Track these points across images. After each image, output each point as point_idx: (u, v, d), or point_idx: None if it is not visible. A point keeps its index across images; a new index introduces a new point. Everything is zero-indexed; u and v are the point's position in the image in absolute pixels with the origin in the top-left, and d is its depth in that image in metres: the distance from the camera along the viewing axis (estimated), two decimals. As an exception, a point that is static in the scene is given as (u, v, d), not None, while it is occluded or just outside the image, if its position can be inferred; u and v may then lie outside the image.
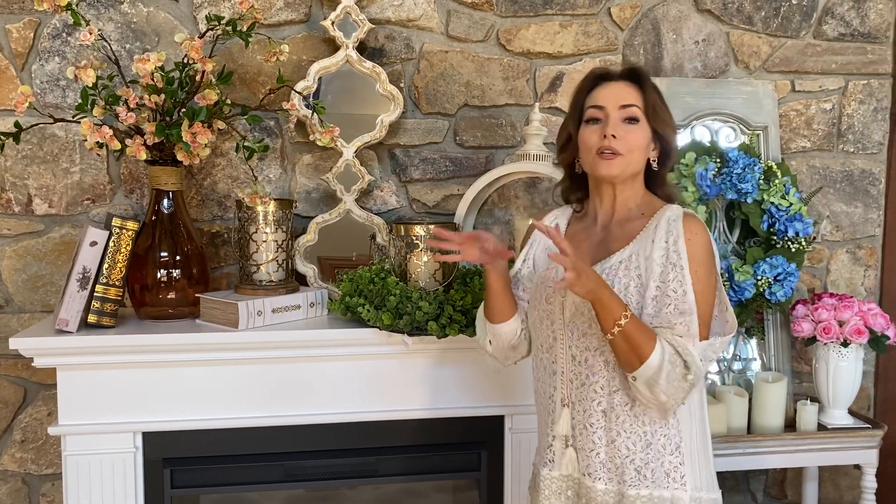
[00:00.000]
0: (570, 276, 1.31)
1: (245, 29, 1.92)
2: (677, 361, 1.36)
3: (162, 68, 1.89)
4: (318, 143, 2.07)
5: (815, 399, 2.33)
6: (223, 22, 1.91)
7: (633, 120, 1.48)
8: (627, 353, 1.37)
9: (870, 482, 2.30)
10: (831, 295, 2.31)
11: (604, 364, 1.45)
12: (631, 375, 1.38)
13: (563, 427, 1.50)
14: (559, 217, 1.65)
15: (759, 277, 2.23)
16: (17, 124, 1.87)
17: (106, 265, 1.87)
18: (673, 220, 1.44)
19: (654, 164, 1.52)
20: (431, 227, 1.96)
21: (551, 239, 1.37)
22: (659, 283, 1.41)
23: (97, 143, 1.85)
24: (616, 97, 1.49)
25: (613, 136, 1.46)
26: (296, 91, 2.07)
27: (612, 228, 1.52)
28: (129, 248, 1.89)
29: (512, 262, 1.67)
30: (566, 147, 1.57)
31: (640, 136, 1.48)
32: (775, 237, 2.29)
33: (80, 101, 1.87)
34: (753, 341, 2.43)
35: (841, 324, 2.23)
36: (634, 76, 1.51)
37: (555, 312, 1.51)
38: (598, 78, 1.54)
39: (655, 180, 1.55)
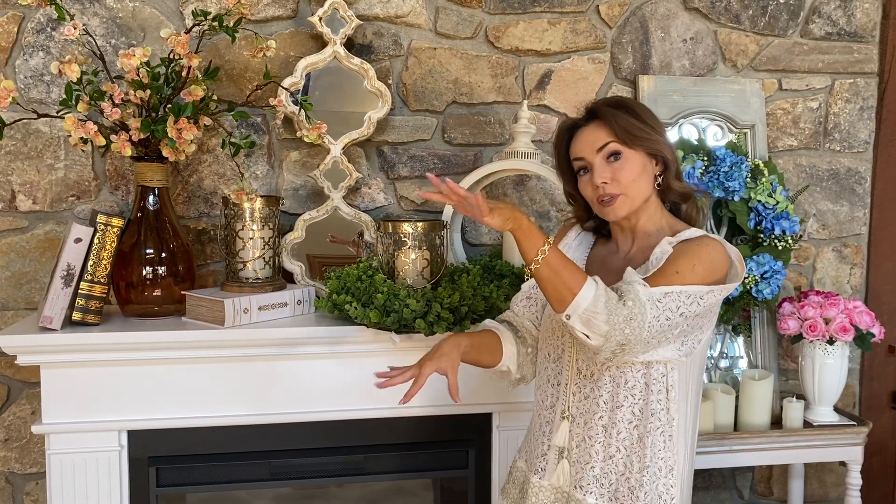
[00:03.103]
0: (483, 208, 1.29)
1: (232, 24, 1.91)
2: (612, 294, 1.31)
3: (147, 64, 1.87)
4: (306, 139, 2.06)
5: (801, 396, 2.34)
6: (210, 17, 1.90)
7: (615, 155, 1.46)
8: (556, 285, 1.31)
9: (855, 479, 2.31)
10: (817, 293, 2.33)
11: (609, 379, 1.45)
12: (564, 314, 1.31)
13: (560, 439, 1.50)
14: (583, 235, 1.65)
15: (746, 275, 2.24)
16: (0, 120, 1.85)
17: (91, 262, 1.85)
18: (684, 238, 1.44)
19: (659, 180, 1.50)
20: (419, 224, 1.96)
21: (443, 191, 1.31)
22: None
23: (81, 138, 1.84)
24: (590, 143, 1.48)
25: (605, 182, 1.46)
26: (283, 87, 2.06)
27: (633, 255, 1.51)
28: (114, 244, 1.87)
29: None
30: (574, 200, 1.59)
31: (629, 168, 1.46)
32: (762, 235, 2.29)
33: (64, 96, 1.85)
34: (740, 339, 2.44)
35: (827, 321, 2.24)
36: (596, 114, 1.50)
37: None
38: (570, 129, 1.54)
39: (668, 193, 1.52)
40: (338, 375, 1.95)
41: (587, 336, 1.31)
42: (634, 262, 1.49)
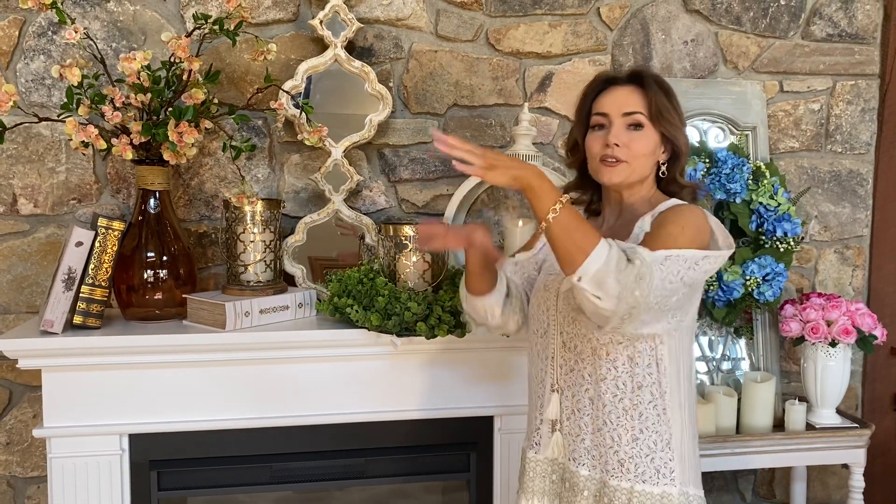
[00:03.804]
0: (478, 163, 1.26)
1: (232, 28, 1.91)
2: (622, 255, 1.26)
3: (148, 67, 1.88)
4: (307, 142, 2.06)
5: (803, 399, 2.33)
6: (210, 21, 1.90)
7: (637, 126, 1.47)
8: (568, 244, 1.26)
9: (858, 481, 2.31)
10: (819, 295, 2.32)
11: (591, 351, 1.45)
12: (576, 276, 1.25)
13: (552, 411, 1.51)
14: None
15: (748, 277, 2.24)
16: (1, 123, 1.85)
17: (92, 266, 1.85)
18: (661, 209, 1.45)
19: (664, 168, 1.51)
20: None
21: (443, 143, 1.28)
22: None
23: (83, 142, 1.84)
24: (620, 104, 1.48)
25: (616, 145, 1.46)
26: (284, 90, 2.06)
27: (617, 227, 1.53)
28: (115, 248, 1.87)
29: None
30: (574, 152, 1.58)
31: (644, 143, 1.47)
32: (764, 237, 2.29)
33: (65, 100, 1.85)
34: (742, 341, 2.43)
35: (829, 324, 2.24)
36: (639, 79, 1.50)
37: (550, 299, 1.53)
38: (605, 82, 1.53)
39: (668, 183, 1.53)
40: (339, 379, 1.95)
41: (598, 298, 1.25)
42: (617, 235, 1.48)
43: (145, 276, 1.95)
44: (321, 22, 2.11)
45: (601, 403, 1.45)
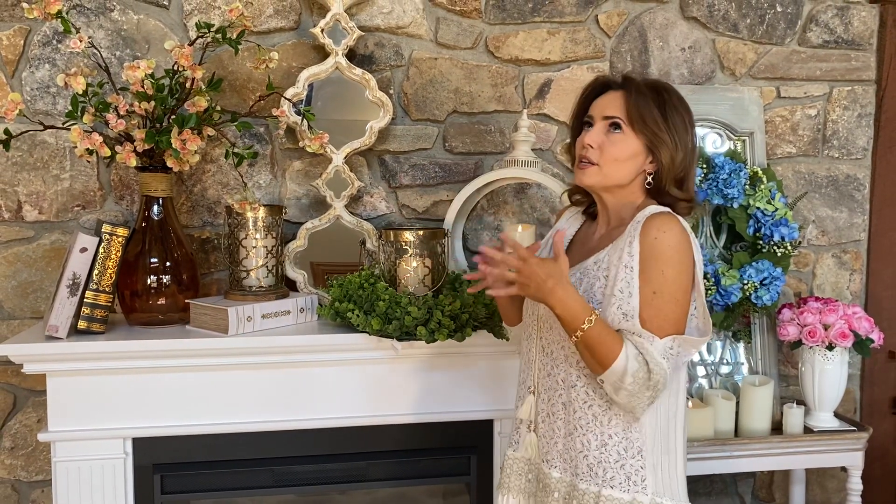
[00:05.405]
0: (516, 278, 1.38)
1: (234, 36, 1.93)
2: (641, 363, 1.36)
3: (152, 75, 1.90)
4: (308, 149, 2.08)
5: (801, 402, 2.35)
6: (213, 29, 1.93)
7: (616, 128, 1.46)
8: (590, 359, 1.39)
9: (856, 484, 2.32)
10: (817, 299, 2.34)
11: (564, 358, 1.48)
12: (599, 378, 1.40)
13: (524, 411, 1.57)
14: (574, 216, 1.67)
15: (746, 282, 2.25)
16: (6, 131, 1.87)
17: (96, 271, 1.87)
18: (638, 221, 1.42)
19: (649, 179, 1.49)
20: (420, 232, 1.98)
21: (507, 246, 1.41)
22: (612, 284, 1.41)
23: (87, 149, 1.86)
24: (603, 107, 1.49)
25: (591, 146, 1.47)
26: (285, 98, 2.08)
27: (607, 234, 1.53)
28: (119, 254, 1.89)
29: None
30: (568, 153, 1.61)
31: (618, 148, 1.45)
32: (761, 242, 2.31)
33: (70, 108, 1.87)
34: (740, 345, 2.45)
35: (826, 327, 2.25)
36: (626, 84, 1.49)
37: (534, 303, 1.56)
38: (601, 86, 1.54)
39: (658, 193, 1.49)
40: (340, 383, 1.97)
41: (616, 400, 1.41)
42: (604, 241, 1.50)
43: (149, 281, 1.97)
44: (322, 30, 2.14)
45: (572, 409, 1.47)
